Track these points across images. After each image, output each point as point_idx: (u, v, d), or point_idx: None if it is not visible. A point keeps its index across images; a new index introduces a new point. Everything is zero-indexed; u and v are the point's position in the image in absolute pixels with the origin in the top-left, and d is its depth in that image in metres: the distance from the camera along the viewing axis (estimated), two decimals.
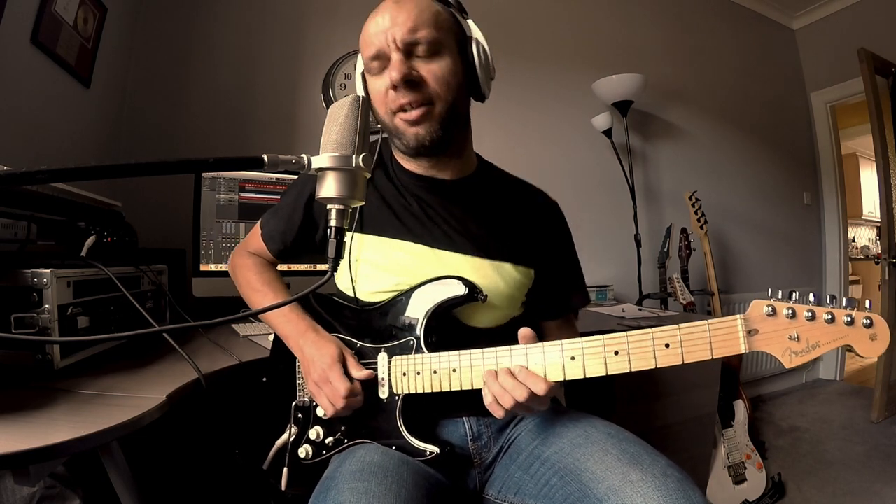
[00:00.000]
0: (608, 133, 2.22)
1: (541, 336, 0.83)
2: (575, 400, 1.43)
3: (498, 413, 0.61)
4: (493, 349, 0.62)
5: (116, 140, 1.57)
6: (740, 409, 1.79)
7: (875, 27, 2.69)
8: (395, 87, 0.65)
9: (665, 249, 2.10)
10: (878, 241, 3.42)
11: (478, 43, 0.70)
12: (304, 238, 0.84)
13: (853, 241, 4.70)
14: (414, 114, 0.67)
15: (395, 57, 0.65)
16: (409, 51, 0.66)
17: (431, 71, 0.66)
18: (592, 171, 2.33)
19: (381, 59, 0.67)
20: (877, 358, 0.47)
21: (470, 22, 0.72)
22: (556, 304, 0.83)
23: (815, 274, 3.10)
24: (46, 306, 0.72)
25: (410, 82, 0.65)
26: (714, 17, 2.79)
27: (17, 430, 0.55)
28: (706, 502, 0.55)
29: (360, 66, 0.73)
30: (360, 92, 0.73)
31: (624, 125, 2.20)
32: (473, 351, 0.64)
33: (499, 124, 2.09)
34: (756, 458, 1.73)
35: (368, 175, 0.51)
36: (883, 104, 2.42)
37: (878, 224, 2.78)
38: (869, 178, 4.49)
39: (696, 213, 2.13)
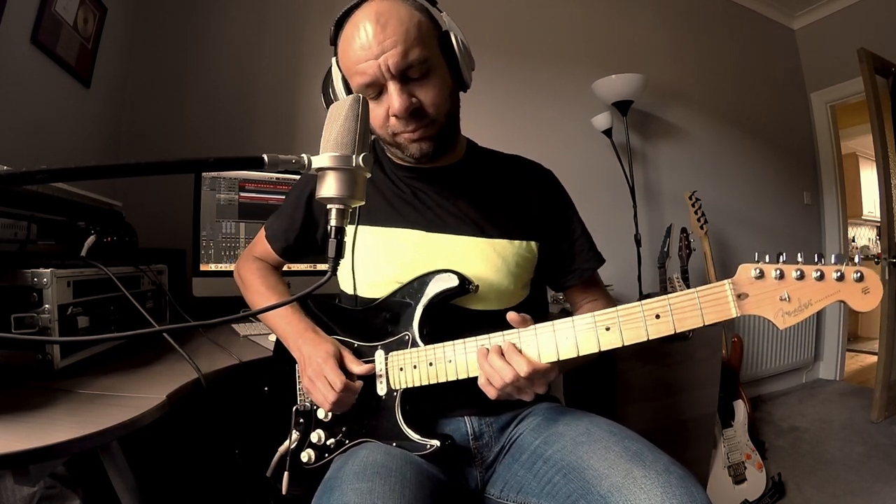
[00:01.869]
0: (608, 133, 2.21)
1: (570, 304, 0.85)
2: (575, 399, 1.43)
3: (490, 393, 0.62)
4: (486, 336, 0.63)
5: (116, 140, 1.57)
6: (740, 409, 1.79)
7: (875, 27, 2.69)
8: (395, 116, 0.66)
9: (665, 249, 2.10)
10: (878, 241, 3.41)
11: (455, 36, 0.69)
12: (306, 236, 0.86)
13: (853, 241, 4.70)
14: (418, 133, 0.68)
15: (393, 87, 0.64)
16: (403, 75, 0.64)
17: (428, 94, 0.66)
18: (592, 171, 2.33)
19: (375, 86, 0.65)
20: (871, 309, 0.47)
21: (445, 15, 0.70)
22: (568, 271, 0.83)
23: None
24: (46, 306, 0.72)
25: (413, 111, 0.66)
26: (714, 16, 2.79)
27: (17, 430, 0.55)
28: (708, 500, 0.55)
29: (337, 73, 0.70)
30: (342, 93, 0.70)
31: (624, 125, 2.20)
32: (468, 339, 0.64)
33: (498, 123, 2.09)
34: (756, 457, 1.73)
35: (368, 175, 0.51)
36: (883, 104, 2.42)
37: (878, 224, 2.78)
38: (869, 178, 4.48)
39: (696, 213, 2.12)
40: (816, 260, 0.49)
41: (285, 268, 0.98)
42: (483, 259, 0.74)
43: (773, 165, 2.93)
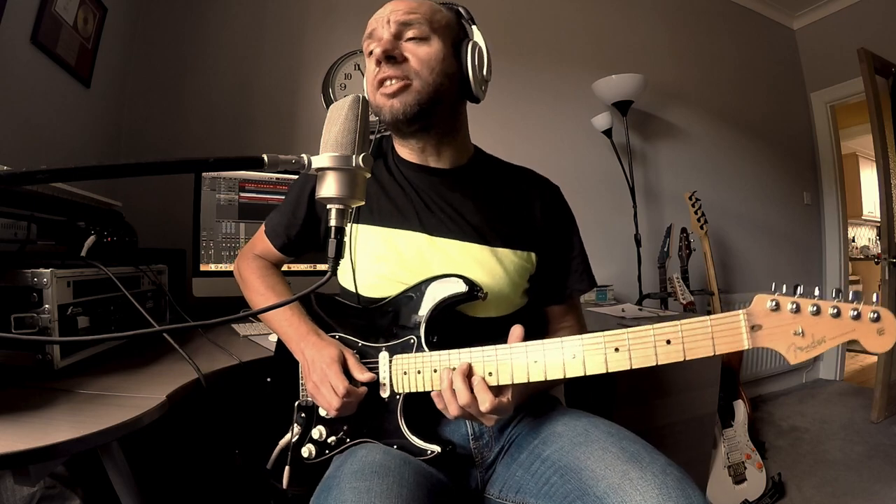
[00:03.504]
0: (608, 133, 2.22)
1: (545, 321, 0.84)
2: (575, 399, 1.43)
3: (451, 411, 0.61)
4: (492, 347, 0.62)
5: (116, 140, 1.57)
6: (740, 409, 1.79)
7: (875, 27, 2.69)
8: (378, 63, 0.69)
9: (665, 249, 2.10)
10: (878, 241, 3.41)
11: (475, 45, 0.72)
12: (308, 232, 0.85)
13: (853, 241, 4.70)
14: (392, 87, 0.69)
15: (385, 34, 0.69)
16: (399, 32, 0.69)
17: (416, 53, 0.69)
18: (592, 171, 2.33)
19: (374, 38, 0.71)
20: (884, 353, 0.47)
21: (475, 29, 0.74)
22: (558, 288, 0.83)
23: (815, 274, 3.10)
24: (46, 306, 0.72)
25: (392, 57, 0.68)
26: (714, 16, 2.79)
27: (17, 430, 0.55)
28: (705, 500, 0.55)
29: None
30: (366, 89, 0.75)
31: (624, 125, 2.20)
32: (473, 349, 0.63)
33: (499, 124, 2.09)
34: (756, 457, 1.73)
35: (368, 175, 0.51)
36: (883, 104, 2.42)
37: (878, 224, 2.78)
38: (869, 178, 4.49)
39: (696, 213, 2.12)
40: (834, 296, 0.47)
41: (285, 268, 0.98)
42: (484, 267, 0.74)
43: (773, 165, 2.93)
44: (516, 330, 0.62)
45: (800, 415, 2.44)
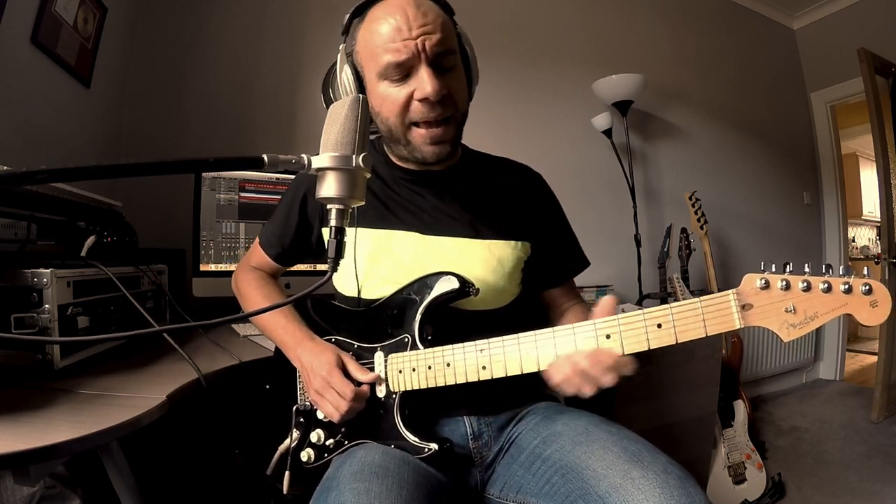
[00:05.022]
0: (608, 133, 2.21)
1: (547, 306, 0.86)
2: (574, 399, 1.43)
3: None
4: (485, 341, 0.63)
5: (116, 140, 1.57)
6: (740, 409, 1.79)
7: (875, 27, 2.69)
8: (422, 100, 0.65)
9: (665, 249, 2.10)
10: (878, 241, 3.42)
11: (468, 41, 0.72)
12: (301, 239, 0.86)
13: (853, 241, 4.70)
14: (438, 132, 0.68)
15: (426, 71, 0.63)
16: (437, 62, 0.65)
17: (454, 85, 0.67)
18: (593, 171, 2.33)
19: (404, 67, 0.64)
20: (879, 325, 0.45)
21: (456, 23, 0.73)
22: (554, 272, 0.84)
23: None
24: (46, 306, 0.72)
25: (442, 97, 0.65)
26: (714, 16, 2.79)
27: (17, 430, 0.55)
28: (707, 500, 0.55)
29: (342, 58, 0.71)
30: (348, 86, 0.70)
31: (624, 125, 2.20)
32: (467, 344, 0.64)
33: (498, 124, 2.09)
34: (756, 458, 1.73)
35: (368, 175, 0.51)
36: (883, 104, 2.41)
37: (878, 224, 2.78)
38: (869, 178, 4.49)
39: (696, 213, 2.12)
40: (824, 271, 0.47)
41: None
42: (479, 260, 0.74)
43: (773, 165, 2.93)
44: (606, 305, 0.57)
45: (800, 415, 2.44)
